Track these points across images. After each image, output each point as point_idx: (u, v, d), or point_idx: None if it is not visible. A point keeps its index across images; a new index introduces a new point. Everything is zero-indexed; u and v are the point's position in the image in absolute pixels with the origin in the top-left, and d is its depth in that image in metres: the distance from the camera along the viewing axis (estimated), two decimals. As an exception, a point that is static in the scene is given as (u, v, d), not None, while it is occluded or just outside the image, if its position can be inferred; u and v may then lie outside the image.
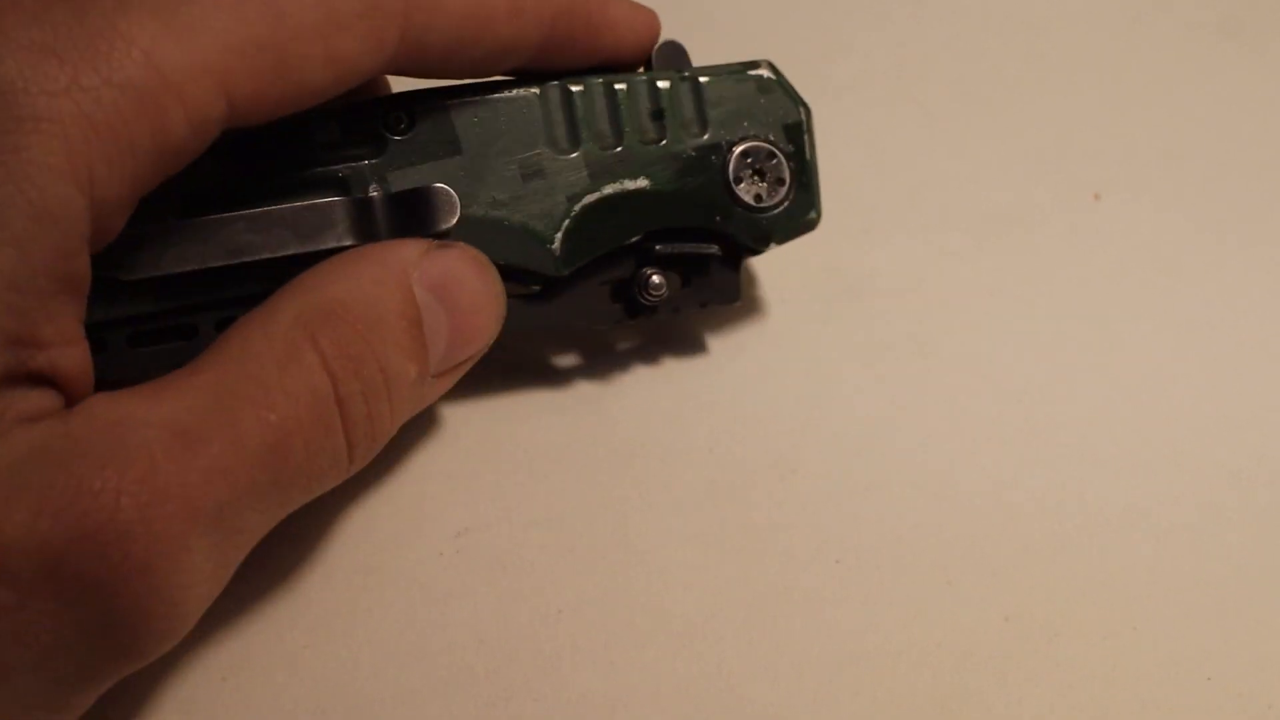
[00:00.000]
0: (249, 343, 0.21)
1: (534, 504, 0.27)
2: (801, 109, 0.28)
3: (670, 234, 0.27)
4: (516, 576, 0.26)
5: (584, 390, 0.29)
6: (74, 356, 0.20)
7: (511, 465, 0.28)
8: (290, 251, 0.23)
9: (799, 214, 0.28)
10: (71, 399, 0.20)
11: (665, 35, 0.27)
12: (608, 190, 0.26)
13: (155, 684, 0.24)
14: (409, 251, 0.23)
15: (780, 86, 0.28)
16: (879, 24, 0.37)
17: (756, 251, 0.28)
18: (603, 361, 0.29)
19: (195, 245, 0.22)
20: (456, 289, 0.23)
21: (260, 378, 0.20)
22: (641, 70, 0.27)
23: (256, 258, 0.23)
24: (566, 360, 0.29)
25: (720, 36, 0.36)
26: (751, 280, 0.31)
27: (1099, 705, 0.25)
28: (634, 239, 0.27)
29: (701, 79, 0.27)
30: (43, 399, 0.19)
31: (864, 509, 0.28)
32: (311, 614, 0.25)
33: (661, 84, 0.27)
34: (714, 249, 0.27)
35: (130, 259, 0.22)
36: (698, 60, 0.28)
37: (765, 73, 0.27)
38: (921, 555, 0.27)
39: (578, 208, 0.26)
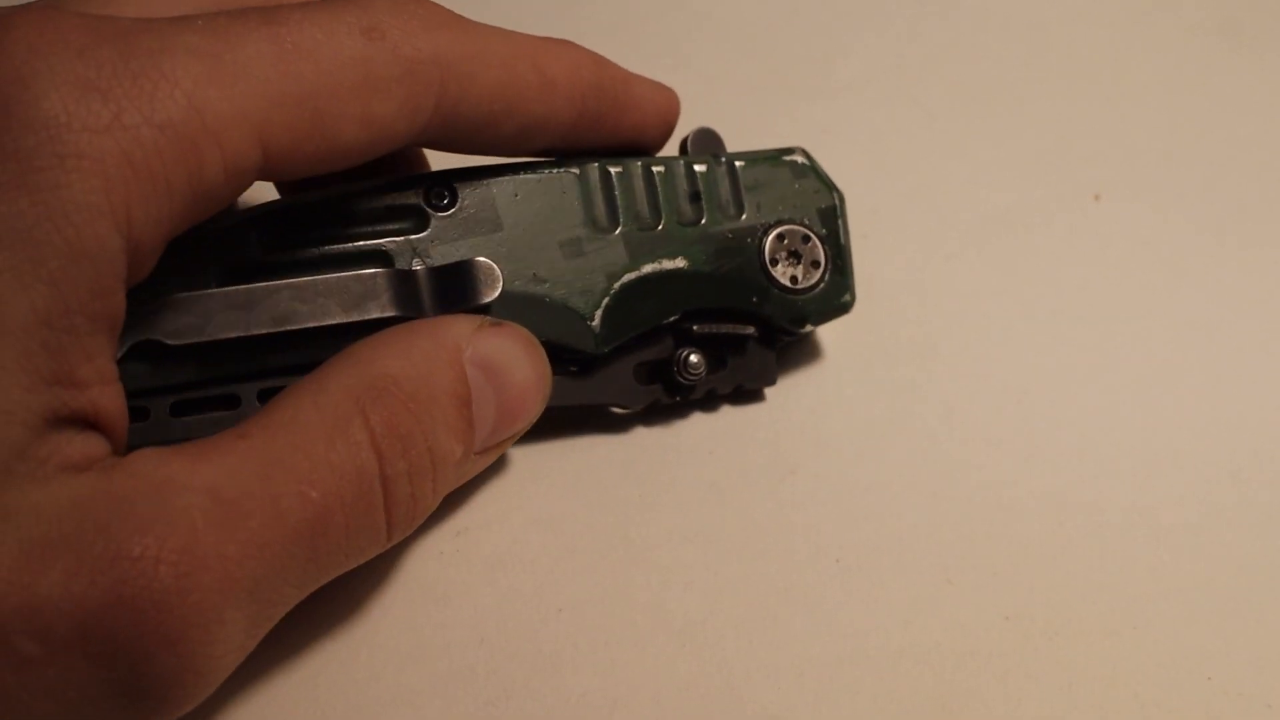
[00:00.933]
0: (299, 412, 0.21)
1: (534, 503, 0.27)
2: (835, 194, 0.28)
3: (707, 314, 0.27)
4: (517, 575, 0.26)
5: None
6: (111, 397, 0.19)
7: (511, 464, 0.28)
8: (335, 321, 0.23)
9: (834, 296, 0.28)
10: (114, 441, 0.20)
11: (666, 33, 0.27)
12: (647, 270, 0.26)
13: (155, 683, 0.24)
14: (461, 329, 0.23)
15: (814, 172, 0.28)
16: (879, 24, 0.37)
17: (792, 334, 0.28)
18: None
19: (241, 313, 0.22)
20: (506, 369, 0.23)
21: (307, 450, 0.20)
22: (677, 154, 0.28)
23: (301, 326, 0.23)
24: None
25: (721, 36, 0.36)
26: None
27: (1099, 705, 0.25)
28: (672, 319, 0.27)
29: (737, 163, 0.28)
30: (87, 444, 0.19)
31: (864, 508, 0.28)
32: (311, 614, 0.25)
33: (699, 167, 0.27)
34: (751, 330, 0.28)
35: (177, 325, 0.22)
36: (705, 55, 0.28)
37: (799, 159, 0.28)
38: (921, 555, 0.27)
39: (617, 286, 0.26)
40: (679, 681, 0.25)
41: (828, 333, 0.30)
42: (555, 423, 0.28)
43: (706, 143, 0.28)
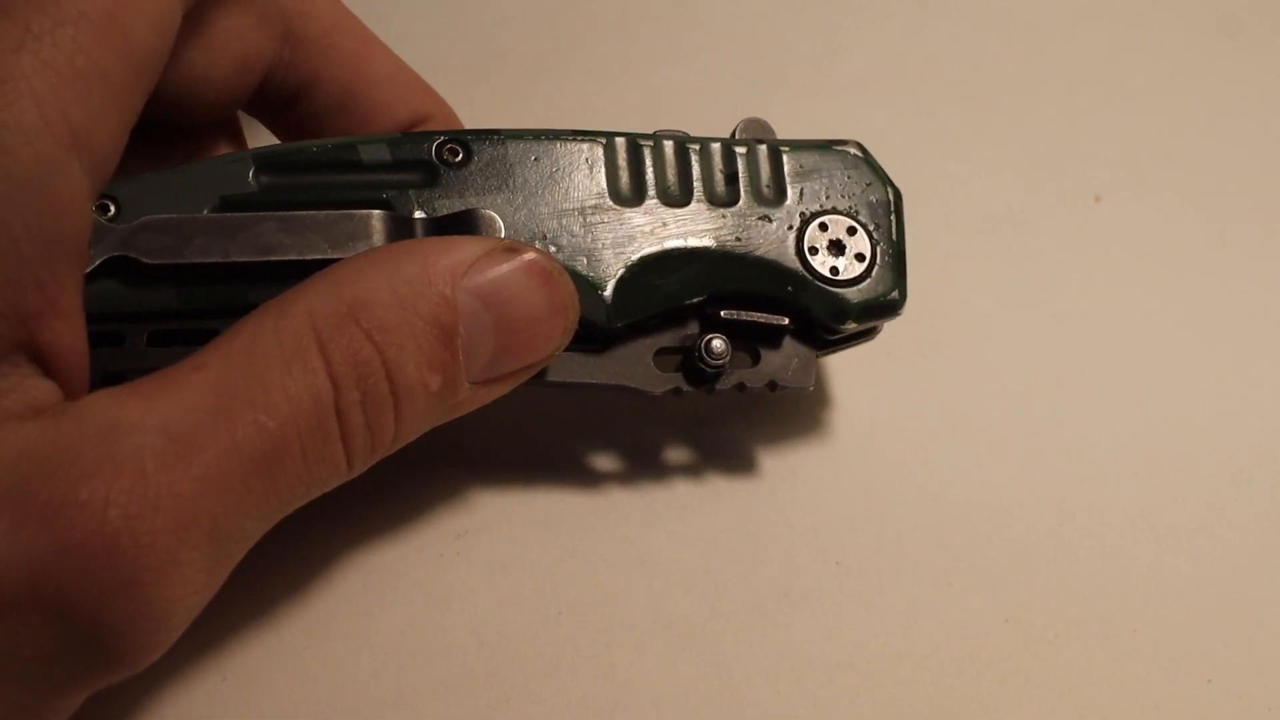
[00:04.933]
0: (259, 337, 0.20)
1: (535, 506, 0.27)
2: (890, 189, 0.26)
3: (739, 300, 0.26)
4: (517, 578, 0.26)
5: (585, 391, 0.29)
6: (64, 332, 0.19)
7: (512, 467, 0.28)
8: (319, 256, 0.22)
9: (880, 292, 0.26)
10: (69, 382, 0.19)
11: (667, 32, 0.27)
12: (669, 245, 0.25)
13: (155, 684, 0.24)
14: (464, 253, 0.21)
15: (868, 164, 0.26)
16: (880, 23, 0.37)
17: (833, 330, 0.26)
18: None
19: (223, 238, 0.22)
20: (511, 299, 0.22)
21: (263, 377, 0.19)
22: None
23: (284, 258, 0.22)
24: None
25: (722, 34, 0.36)
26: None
27: (1099, 707, 0.25)
28: (696, 299, 0.25)
29: (783, 149, 0.26)
30: (35, 391, 0.18)
31: (864, 510, 0.28)
32: (312, 615, 0.25)
33: (738, 149, 0.26)
34: (785, 321, 0.26)
35: (154, 244, 0.21)
36: (706, 53, 0.27)
37: (853, 150, 0.26)
38: (922, 557, 0.27)
39: (635, 258, 0.24)
40: (679, 684, 0.25)
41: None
42: (551, 410, 0.28)
43: (755, 132, 0.27)
